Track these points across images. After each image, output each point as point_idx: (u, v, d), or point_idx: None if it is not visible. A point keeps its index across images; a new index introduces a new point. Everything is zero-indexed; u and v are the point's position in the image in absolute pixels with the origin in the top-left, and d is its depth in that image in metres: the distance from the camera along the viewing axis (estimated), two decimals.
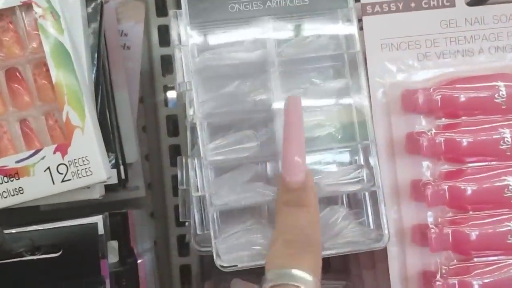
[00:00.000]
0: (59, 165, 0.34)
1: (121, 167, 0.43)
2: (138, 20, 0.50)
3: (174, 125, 0.59)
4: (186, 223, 0.38)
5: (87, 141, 0.34)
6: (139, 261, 0.44)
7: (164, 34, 0.59)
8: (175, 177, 0.58)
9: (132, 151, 0.47)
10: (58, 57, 0.34)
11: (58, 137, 0.34)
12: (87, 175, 0.34)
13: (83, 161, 0.34)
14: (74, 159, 0.34)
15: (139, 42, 0.50)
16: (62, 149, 0.34)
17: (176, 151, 0.59)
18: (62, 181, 0.34)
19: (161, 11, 0.59)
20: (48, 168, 0.33)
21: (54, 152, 0.34)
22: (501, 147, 0.32)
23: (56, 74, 0.34)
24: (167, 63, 0.60)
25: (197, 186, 0.33)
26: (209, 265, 0.50)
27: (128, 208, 0.49)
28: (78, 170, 0.34)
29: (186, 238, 0.56)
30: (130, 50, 0.50)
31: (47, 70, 0.34)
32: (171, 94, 0.60)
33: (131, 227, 0.46)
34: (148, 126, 0.59)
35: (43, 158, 0.33)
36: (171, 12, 0.34)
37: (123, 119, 0.47)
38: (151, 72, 0.59)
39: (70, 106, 0.34)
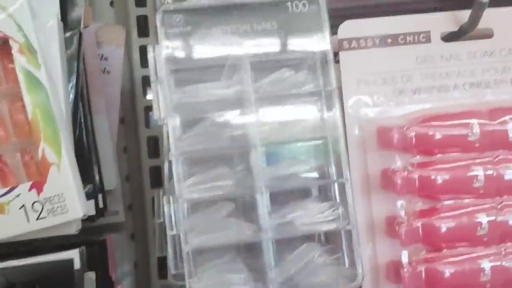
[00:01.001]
0: (34, 202, 0.33)
1: (100, 196, 0.43)
2: (119, 44, 0.50)
3: (155, 146, 0.59)
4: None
5: (63, 178, 0.34)
6: None
7: (146, 55, 0.59)
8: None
9: (111, 178, 0.47)
10: (34, 93, 0.34)
11: (34, 173, 0.34)
12: (63, 213, 0.33)
13: (59, 198, 0.33)
14: (50, 197, 0.33)
15: (119, 67, 0.50)
16: (38, 186, 0.33)
17: (157, 172, 0.59)
18: (37, 218, 0.33)
19: (143, 31, 0.59)
20: (23, 205, 0.33)
21: (30, 189, 0.33)
22: (474, 185, 0.33)
23: (32, 110, 0.34)
24: (148, 84, 0.59)
25: (172, 224, 0.33)
26: None
27: (107, 231, 0.49)
28: (53, 208, 0.33)
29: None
30: (110, 74, 0.50)
31: (24, 105, 0.34)
32: (152, 115, 0.59)
33: (110, 255, 0.46)
34: (128, 147, 0.59)
35: (18, 195, 0.33)
36: (148, 47, 0.34)
37: (102, 145, 0.47)
38: (132, 92, 0.59)
39: (46, 143, 0.34)
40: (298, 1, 0.34)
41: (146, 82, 0.59)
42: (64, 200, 0.33)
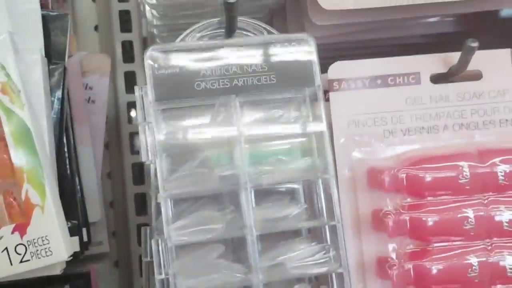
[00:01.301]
0: (17, 245, 0.32)
1: (84, 230, 0.42)
2: (104, 73, 0.49)
3: (140, 172, 0.58)
4: None
5: (48, 220, 0.33)
6: None
7: (131, 80, 0.58)
8: (140, 226, 0.57)
9: (95, 210, 0.46)
10: (17, 134, 0.33)
11: (17, 215, 0.33)
12: (47, 255, 0.33)
13: (43, 240, 0.33)
14: (34, 239, 0.32)
15: (104, 96, 0.49)
16: (21, 228, 0.32)
17: (142, 199, 0.58)
18: (21, 261, 0.32)
19: (128, 57, 0.58)
20: (6, 248, 0.32)
21: (12, 232, 0.32)
22: (464, 227, 0.33)
23: (15, 152, 0.33)
24: (133, 109, 0.59)
25: (161, 267, 0.32)
26: None
27: (90, 261, 0.48)
28: (37, 250, 0.32)
29: None
30: (95, 104, 0.49)
31: (6, 145, 0.33)
32: (137, 140, 0.59)
33: (94, 286, 0.45)
34: (113, 173, 0.58)
35: (0, 238, 0.32)
36: (136, 88, 0.34)
37: (87, 177, 0.46)
38: (117, 118, 0.58)
39: (30, 184, 0.33)
40: (288, 43, 0.33)
41: (131, 108, 0.59)
42: (49, 243, 0.33)
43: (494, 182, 0.33)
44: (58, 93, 0.38)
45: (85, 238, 0.42)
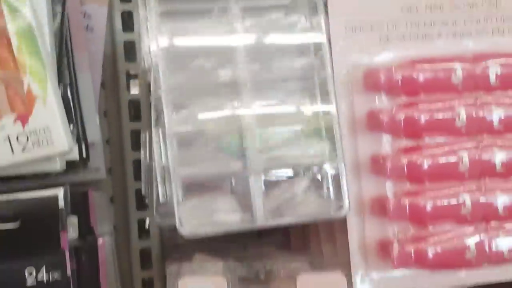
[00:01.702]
0: (19, 134, 0.33)
1: (83, 145, 0.42)
2: (102, 3, 0.50)
3: (136, 110, 0.59)
4: (147, 201, 0.37)
5: (49, 111, 0.33)
6: (99, 241, 0.43)
7: (127, 20, 0.59)
8: (136, 162, 0.58)
9: (93, 131, 0.47)
10: (20, 30, 0.33)
11: (19, 106, 0.33)
12: (48, 145, 0.33)
13: (44, 131, 0.33)
14: (35, 129, 0.33)
15: (102, 25, 0.50)
16: (23, 118, 0.33)
17: (137, 136, 0.59)
18: (22, 150, 0.33)
19: None
20: (8, 137, 0.33)
21: (15, 122, 0.33)
22: (456, 124, 0.34)
23: (18, 46, 0.33)
24: (130, 49, 0.59)
25: (161, 157, 0.33)
26: (170, 247, 0.50)
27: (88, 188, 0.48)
28: (39, 140, 0.33)
29: (146, 223, 0.56)
30: (93, 32, 0.49)
31: (9, 39, 0.34)
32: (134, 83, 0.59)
33: (91, 207, 0.46)
34: (109, 110, 0.58)
35: (2, 127, 0.33)
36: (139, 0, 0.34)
37: (85, 101, 0.46)
38: (114, 57, 0.59)
39: (32, 76, 0.33)
40: None
41: (127, 47, 0.59)
42: (50, 133, 0.33)
43: (485, 82, 0.34)
44: (58, 7, 0.39)
45: (84, 154, 0.43)
